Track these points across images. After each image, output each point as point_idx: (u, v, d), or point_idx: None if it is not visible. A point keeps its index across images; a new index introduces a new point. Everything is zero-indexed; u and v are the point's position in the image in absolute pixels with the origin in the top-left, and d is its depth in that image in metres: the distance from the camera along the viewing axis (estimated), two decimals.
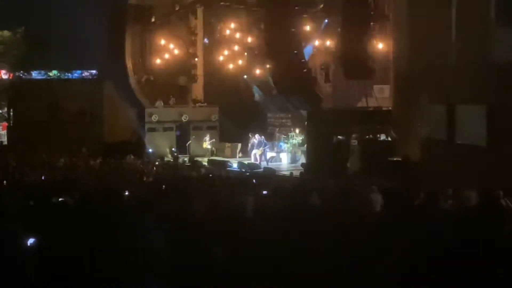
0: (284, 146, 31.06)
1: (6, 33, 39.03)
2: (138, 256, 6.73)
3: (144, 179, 21.29)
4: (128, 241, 6.87)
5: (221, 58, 36.79)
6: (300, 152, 30.11)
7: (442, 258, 7.26)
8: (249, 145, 31.51)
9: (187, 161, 31.14)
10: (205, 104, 36.20)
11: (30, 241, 7.09)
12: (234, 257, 7.35)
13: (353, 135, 25.90)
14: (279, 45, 28.87)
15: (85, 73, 38.11)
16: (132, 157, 30.02)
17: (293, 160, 30.21)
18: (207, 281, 6.95)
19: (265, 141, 31.00)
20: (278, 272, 7.04)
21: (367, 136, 26.01)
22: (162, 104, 34.90)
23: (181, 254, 7.30)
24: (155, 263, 6.73)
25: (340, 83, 30.50)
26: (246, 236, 8.33)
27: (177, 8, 36.21)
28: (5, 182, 17.84)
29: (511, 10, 17.97)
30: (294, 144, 30.74)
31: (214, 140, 34.15)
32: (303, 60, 29.39)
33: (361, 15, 26.33)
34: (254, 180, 20.41)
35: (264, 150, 30.22)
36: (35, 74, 37.65)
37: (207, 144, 33.80)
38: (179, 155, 32.89)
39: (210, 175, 22.97)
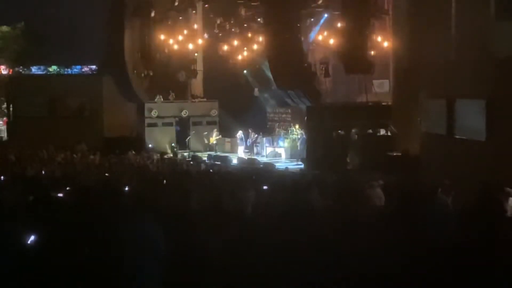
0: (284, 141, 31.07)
1: (5, 28, 39.02)
2: (136, 251, 6.74)
3: (145, 174, 21.26)
4: (127, 235, 6.88)
5: (220, 53, 36.78)
6: (299, 147, 30.09)
7: (443, 254, 7.24)
8: (238, 141, 31.67)
9: (187, 157, 31.16)
10: (205, 99, 36.21)
11: (30, 236, 7.08)
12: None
13: (353, 130, 25.91)
14: (278, 39, 28.87)
15: (85, 68, 37.99)
16: (133, 152, 30.01)
17: (293, 155, 30.20)
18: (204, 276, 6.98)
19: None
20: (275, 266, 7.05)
21: (366, 131, 26.03)
22: (162, 99, 34.91)
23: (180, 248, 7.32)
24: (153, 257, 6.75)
25: (340, 78, 30.55)
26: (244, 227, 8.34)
27: (176, 3, 36.15)
28: (4, 177, 17.80)
29: (511, 4, 17.96)
30: (294, 139, 30.74)
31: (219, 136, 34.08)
32: (303, 55, 29.39)
33: (360, 9, 26.31)
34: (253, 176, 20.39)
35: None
36: (34, 69, 37.54)
37: (213, 139, 33.77)
38: (179, 150, 32.92)
39: (211, 170, 22.97)
